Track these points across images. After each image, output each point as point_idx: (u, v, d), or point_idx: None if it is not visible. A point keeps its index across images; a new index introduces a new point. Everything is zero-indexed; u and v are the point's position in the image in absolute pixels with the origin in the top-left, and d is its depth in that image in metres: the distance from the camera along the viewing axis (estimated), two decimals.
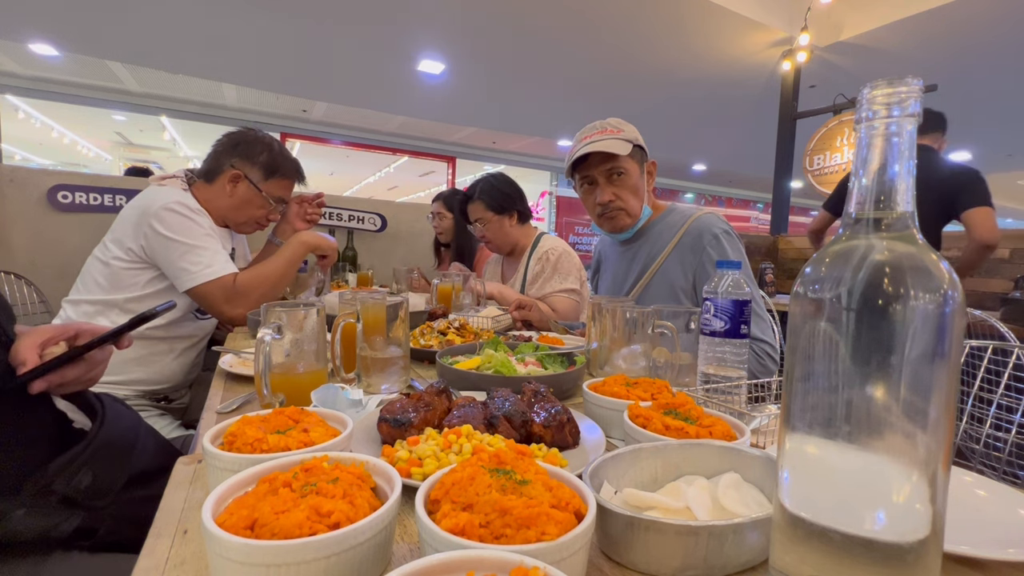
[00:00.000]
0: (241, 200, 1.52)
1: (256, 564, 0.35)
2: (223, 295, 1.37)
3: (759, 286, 2.47)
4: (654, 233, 1.41)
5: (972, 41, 4.48)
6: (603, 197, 1.36)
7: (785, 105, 4.85)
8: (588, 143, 1.32)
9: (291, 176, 1.61)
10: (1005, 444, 1.19)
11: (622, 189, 1.36)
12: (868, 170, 0.34)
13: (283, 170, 1.57)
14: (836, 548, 0.33)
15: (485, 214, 2.03)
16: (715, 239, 1.29)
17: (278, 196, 1.57)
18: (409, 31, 4.80)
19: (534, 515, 0.37)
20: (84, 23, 4.67)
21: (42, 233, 2.36)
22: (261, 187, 1.53)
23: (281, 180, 1.58)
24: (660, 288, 1.37)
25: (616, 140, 1.31)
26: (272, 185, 1.56)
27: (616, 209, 1.38)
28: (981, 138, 7.73)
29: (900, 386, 0.31)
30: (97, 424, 0.68)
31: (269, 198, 1.55)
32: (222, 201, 1.52)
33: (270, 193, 1.55)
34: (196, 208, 1.42)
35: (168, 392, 1.51)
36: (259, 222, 1.60)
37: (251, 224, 1.59)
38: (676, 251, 1.35)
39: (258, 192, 1.53)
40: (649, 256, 1.40)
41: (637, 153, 1.35)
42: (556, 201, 10.78)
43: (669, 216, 1.41)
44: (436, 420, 0.68)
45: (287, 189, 1.62)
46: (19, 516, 0.60)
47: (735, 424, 0.64)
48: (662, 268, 1.37)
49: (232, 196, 1.51)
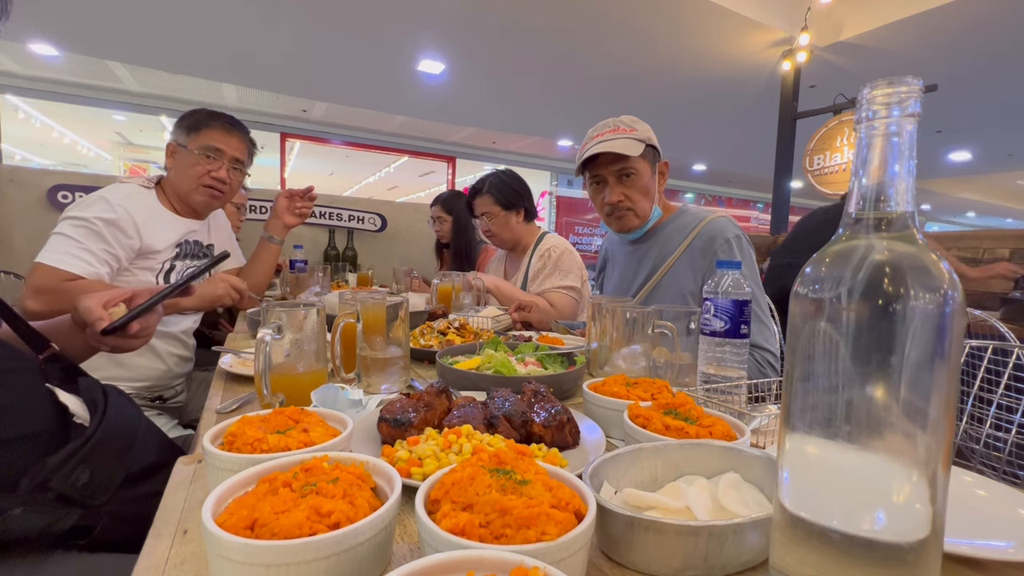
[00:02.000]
0: (179, 167, 1.50)
1: (256, 564, 0.35)
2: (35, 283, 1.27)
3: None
4: (665, 234, 1.39)
5: (972, 41, 4.48)
6: (612, 197, 1.35)
7: (785, 105, 4.86)
8: (599, 141, 1.30)
9: (216, 126, 1.53)
10: (1005, 444, 1.19)
11: (631, 190, 1.34)
12: (868, 170, 0.34)
13: (205, 123, 1.53)
14: (836, 548, 0.33)
15: (492, 208, 2.03)
16: (727, 243, 1.27)
17: (209, 146, 1.51)
18: (409, 31, 4.81)
19: (534, 515, 0.37)
20: (84, 23, 4.67)
21: (42, 233, 2.32)
22: (188, 145, 1.50)
23: (207, 132, 1.52)
24: (669, 290, 1.35)
25: (628, 140, 1.29)
26: (199, 140, 1.51)
27: (624, 210, 1.36)
28: (981, 138, 7.74)
29: (900, 386, 0.31)
30: (96, 420, 0.67)
31: (199, 151, 1.50)
32: (170, 179, 1.52)
33: (199, 146, 1.50)
34: (118, 203, 1.36)
35: (161, 391, 1.51)
36: (204, 183, 1.51)
37: (199, 190, 1.51)
38: (687, 254, 1.33)
39: (187, 151, 1.50)
40: (659, 257, 1.38)
41: (649, 153, 1.33)
42: (556, 201, 10.78)
43: (681, 218, 1.39)
44: (436, 420, 0.68)
45: (218, 139, 1.53)
46: (17, 514, 0.60)
47: (735, 424, 0.64)
48: (671, 270, 1.35)
49: (173, 168, 1.51)
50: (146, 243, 1.41)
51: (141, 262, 1.42)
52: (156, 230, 1.44)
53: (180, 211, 1.54)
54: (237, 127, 1.58)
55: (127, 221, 1.36)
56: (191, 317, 1.61)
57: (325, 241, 3.10)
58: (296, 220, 1.79)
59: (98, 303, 0.84)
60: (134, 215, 1.38)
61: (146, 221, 1.41)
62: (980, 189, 11.41)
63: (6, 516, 0.59)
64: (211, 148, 1.51)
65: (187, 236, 1.53)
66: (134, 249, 1.39)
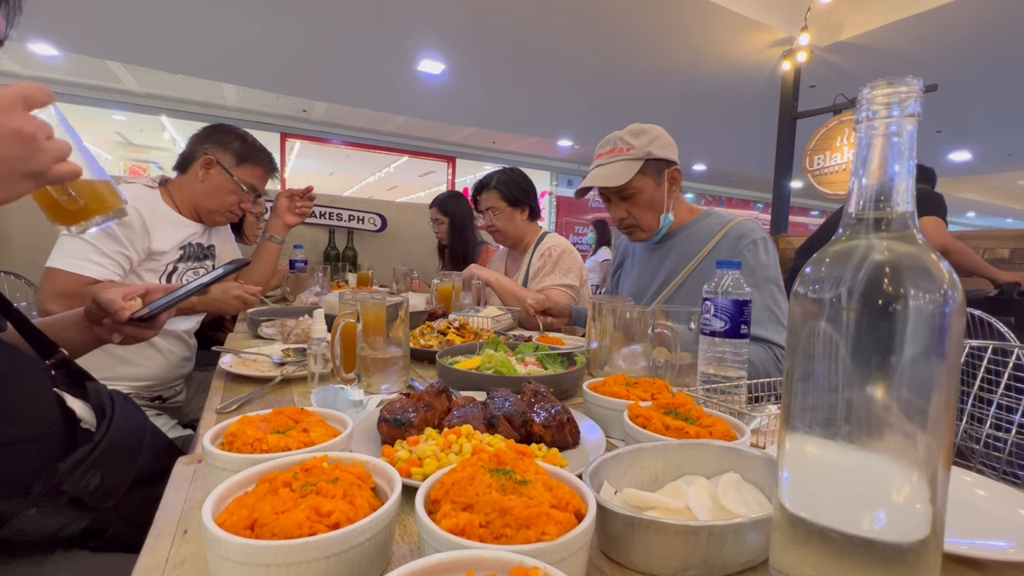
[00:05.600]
0: (213, 186, 1.52)
1: (256, 564, 0.35)
2: (57, 288, 1.27)
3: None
4: (688, 236, 1.37)
5: (972, 41, 4.48)
6: (616, 214, 1.37)
7: (785, 105, 4.85)
8: (596, 165, 1.33)
9: (263, 165, 1.60)
10: (1005, 444, 1.19)
11: (634, 206, 1.34)
12: (868, 170, 0.34)
13: (255, 158, 1.57)
14: (836, 548, 0.32)
15: (498, 203, 2.04)
16: (753, 244, 1.25)
17: (250, 184, 1.57)
18: (409, 31, 4.80)
19: (534, 515, 0.37)
20: (84, 23, 4.67)
21: (42, 233, 2.36)
22: (233, 172, 1.53)
23: (253, 168, 1.57)
24: (692, 292, 1.32)
25: (622, 163, 1.29)
26: (244, 172, 1.55)
27: (629, 226, 1.37)
28: (981, 138, 7.73)
29: (900, 386, 0.31)
30: (105, 425, 0.68)
31: (241, 184, 1.54)
32: (195, 189, 1.52)
33: (242, 179, 1.54)
34: (128, 204, 1.36)
35: (161, 391, 1.51)
36: (231, 210, 1.58)
37: (223, 212, 1.57)
38: (712, 256, 1.30)
39: (230, 177, 1.52)
40: (682, 259, 1.36)
41: (651, 167, 1.31)
42: (556, 201, 10.77)
43: (706, 219, 1.37)
44: (436, 420, 0.68)
45: (259, 179, 1.60)
46: (30, 516, 0.61)
47: (735, 424, 0.64)
48: (695, 272, 1.32)
49: (204, 182, 1.51)
50: (154, 245, 1.42)
51: (146, 264, 1.43)
52: (162, 232, 1.45)
53: (186, 215, 1.54)
54: (274, 168, 1.66)
55: (138, 221, 1.38)
56: (194, 318, 1.61)
57: (325, 241, 3.10)
58: (296, 220, 1.80)
59: (118, 295, 0.89)
60: (144, 216, 1.39)
61: (153, 222, 1.42)
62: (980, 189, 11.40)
63: (21, 517, 0.60)
64: (252, 187, 1.58)
65: (190, 239, 1.54)
66: (145, 249, 1.40)
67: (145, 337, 0.94)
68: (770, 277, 1.21)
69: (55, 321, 0.95)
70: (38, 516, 0.61)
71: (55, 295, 1.27)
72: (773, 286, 1.21)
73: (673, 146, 1.35)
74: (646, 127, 1.33)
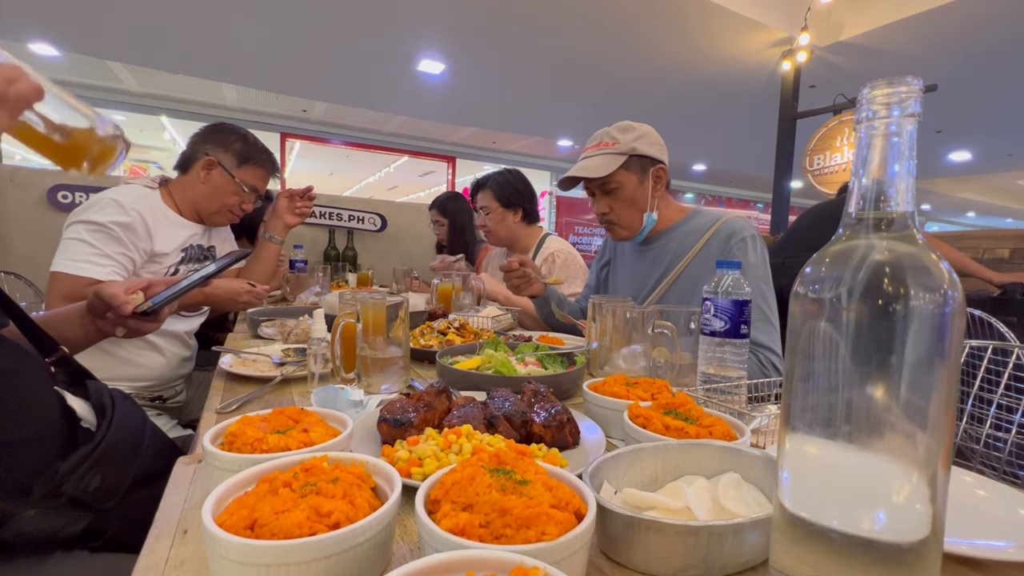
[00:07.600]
0: (214, 187, 1.52)
1: (256, 564, 0.35)
2: (63, 291, 1.26)
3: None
4: (678, 236, 1.37)
5: (972, 41, 4.48)
6: (598, 208, 1.38)
7: (785, 105, 4.86)
8: (583, 158, 1.33)
9: (265, 166, 1.60)
10: (1005, 444, 1.19)
11: (616, 201, 1.35)
12: (868, 170, 0.34)
13: (257, 159, 1.57)
14: (836, 548, 0.32)
15: (491, 203, 2.05)
16: (743, 242, 1.25)
17: (252, 185, 1.57)
18: (409, 31, 4.80)
19: (534, 515, 0.37)
20: (84, 23, 4.67)
21: (42, 233, 2.36)
22: (234, 173, 1.53)
23: (255, 169, 1.57)
24: (684, 291, 1.32)
25: (605, 156, 1.30)
26: (245, 173, 1.55)
27: (609, 222, 1.38)
28: (981, 138, 7.73)
29: (900, 386, 0.31)
30: (105, 425, 0.68)
31: (242, 185, 1.54)
32: (196, 189, 1.52)
33: (243, 180, 1.55)
34: (130, 205, 1.36)
35: (161, 391, 1.51)
36: (232, 211, 1.58)
37: (224, 213, 1.57)
38: (702, 254, 1.30)
39: (231, 178, 1.53)
40: (672, 258, 1.36)
41: (635, 163, 1.31)
42: (556, 201, 10.77)
43: (695, 219, 1.37)
44: (436, 420, 0.68)
45: (260, 179, 1.60)
46: (30, 517, 0.61)
47: (735, 424, 0.64)
48: (686, 271, 1.32)
49: (206, 183, 1.52)
50: (156, 247, 1.42)
51: (148, 266, 1.43)
52: (164, 233, 1.45)
53: (186, 215, 1.54)
54: (276, 168, 1.66)
55: (140, 223, 1.38)
56: (195, 318, 1.61)
57: (325, 241, 3.09)
58: (296, 220, 1.79)
59: (120, 289, 0.91)
60: (145, 217, 1.39)
61: (155, 224, 1.42)
62: (980, 189, 11.41)
63: (20, 518, 0.60)
64: (254, 188, 1.58)
65: (191, 240, 1.54)
66: (147, 251, 1.40)
67: (149, 330, 0.95)
68: (759, 276, 1.22)
69: (58, 315, 0.95)
70: (38, 517, 0.61)
71: (61, 298, 1.26)
72: (763, 284, 1.21)
73: (661, 145, 1.35)
74: (635, 124, 1.33)
